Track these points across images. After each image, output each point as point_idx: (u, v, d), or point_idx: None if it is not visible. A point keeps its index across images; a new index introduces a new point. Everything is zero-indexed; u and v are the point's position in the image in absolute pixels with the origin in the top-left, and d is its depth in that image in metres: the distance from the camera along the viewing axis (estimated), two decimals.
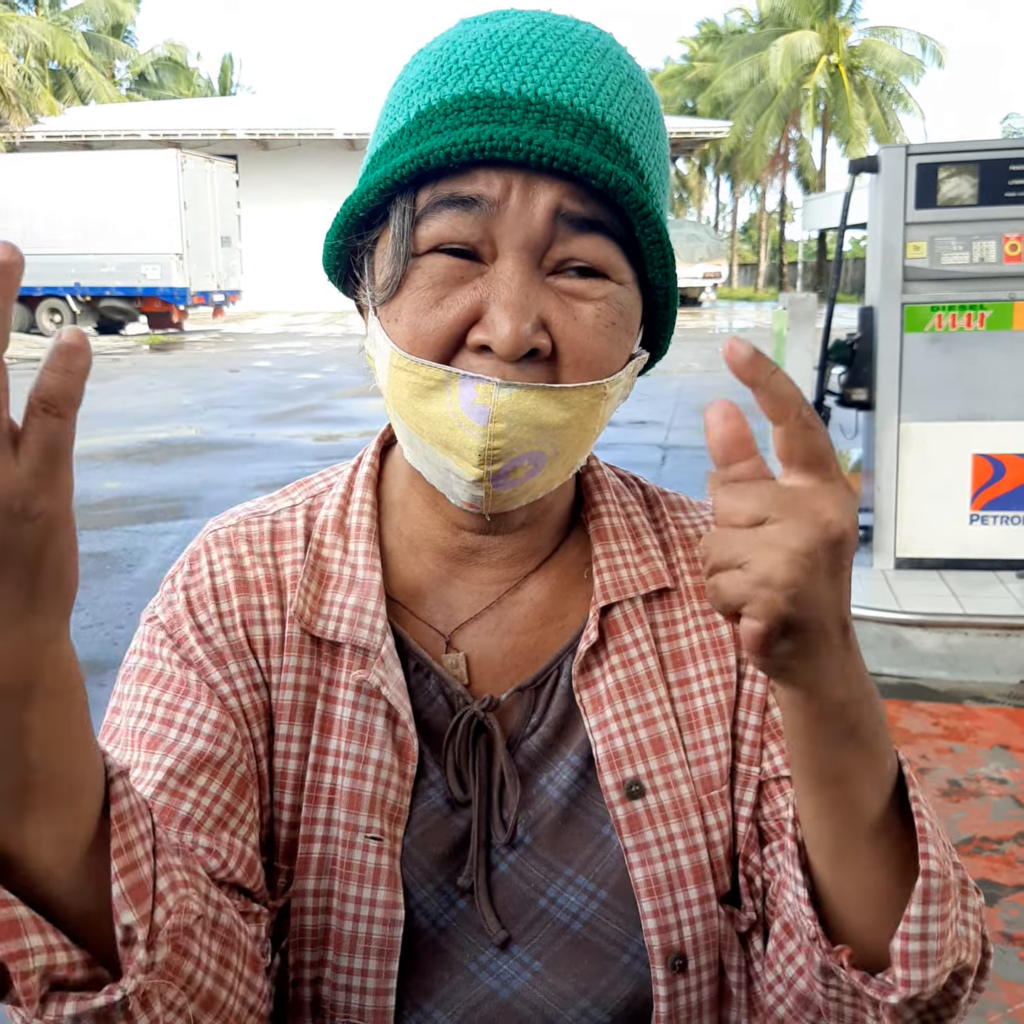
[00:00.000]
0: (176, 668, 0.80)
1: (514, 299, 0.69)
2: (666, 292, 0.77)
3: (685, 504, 0.93)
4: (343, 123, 29.85)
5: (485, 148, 0.68)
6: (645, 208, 0.71)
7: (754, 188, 54.72)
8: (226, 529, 0.86)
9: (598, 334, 0.72)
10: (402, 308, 0.73)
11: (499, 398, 0.70)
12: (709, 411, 0.57)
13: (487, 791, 0.81)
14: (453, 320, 0.71)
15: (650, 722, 0.82)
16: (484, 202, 0.69)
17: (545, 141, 0.67)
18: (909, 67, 43.26)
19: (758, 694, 0.85)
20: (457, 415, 0.71)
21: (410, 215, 0.71)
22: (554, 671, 0.83)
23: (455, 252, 0.71)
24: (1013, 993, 2.50)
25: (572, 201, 0.70)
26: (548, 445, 0.73)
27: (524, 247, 0.70)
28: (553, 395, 0.71)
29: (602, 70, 0.73)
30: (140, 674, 0.80)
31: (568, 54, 0.72)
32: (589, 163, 0.68)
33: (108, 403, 13.12)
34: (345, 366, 17.12)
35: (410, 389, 0.73)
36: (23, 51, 34.24)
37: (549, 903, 0.80)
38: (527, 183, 0.69)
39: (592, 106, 0.71)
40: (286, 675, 0.80)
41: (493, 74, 0.71)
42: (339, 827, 0.78)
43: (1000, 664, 4.42)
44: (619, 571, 0.85)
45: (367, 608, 0.81)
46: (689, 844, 0.80)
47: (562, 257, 0.71)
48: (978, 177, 4.76)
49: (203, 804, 0.75)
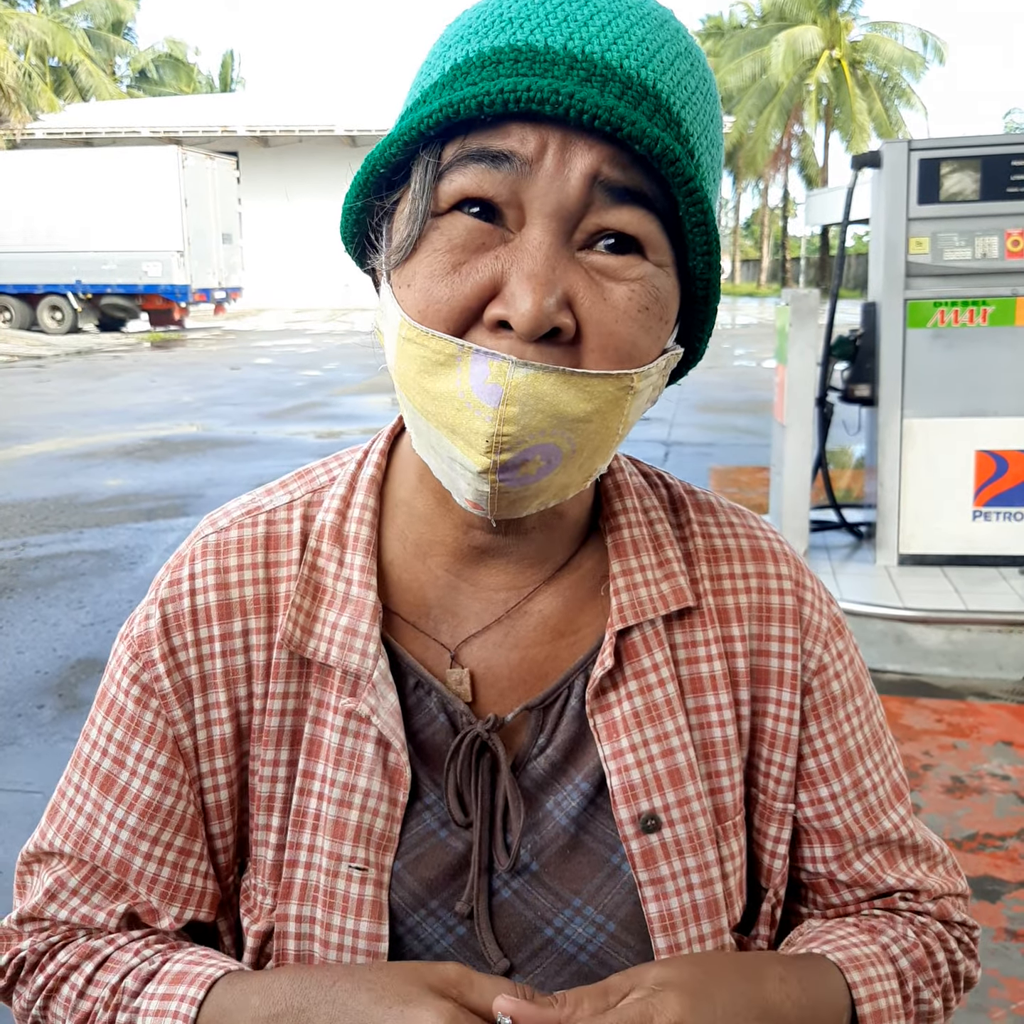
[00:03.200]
0: (131, 702, 0.79)
1: (539, 270, 0.62)
2: (707, 284, 0.69)
3: (715, 507, 0.86)
4: (344, 120, 29.82)
5: (521, 99, 0.61)
6: (692, 183, 0.63)
7: (756, 183, 54.65)
8: (217, 535, 0.81)
9: (629, 318, 0.65)
10: (416, 272, 0.66)
11: (514, 378, 0.62)
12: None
13: (490, 814, 0.77)
14: (470, 290, 0.64)
15: (668, 752, 0.77)
16: (516, 159, 0.62)
17: (587, 97, 0.60)
18: (911, 62, 43.18)
19: (789, 736, 0.82)
20: (466, 394, 0.63)
21: (433, 168, 0.65)
22: (564, 690, 0.78)
23: (478, 214, 0.64)
24: (1016, 990, 2.50)
25: (612, 167, 0.63)
26: (564, 439, 0.65)
27: (555, 214, 0.63)
28: (574, 381, 0.63)
29: (658, 37, 0.65)
30: (100, 697, 0.82)
31: (622, 16, 0.65)
32: (634, 125, 0.61)
33: (109, 400, 13.12)
34: (346, 363, 17.12)
35: (418, 364, 0.66)
36: (23, 48, 34.22)
37: (556, 933, 0.77)
38: (565, 143, 0.62)
39: (644, 71, 0.64)
40: (272, 702, 0.78)
41: (539, 28, 0.64)
42: (323, 855, 0.76)
43: (1003, 660, 4.42)
44: (638, 590, 0.78)
45: (359, 630, 0.76)
46: (704, 878, 0.77)
47: (595, 228, 0.64)
48: (981, 172, 4.75)
49: (155, 855, 0.79)
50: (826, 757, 0.83)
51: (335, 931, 0.76)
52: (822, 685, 0.83)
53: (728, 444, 9.85)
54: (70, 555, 6.36)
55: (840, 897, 0.86)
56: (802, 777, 0.83)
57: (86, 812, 0.80)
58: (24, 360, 18.73)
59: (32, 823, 0.86)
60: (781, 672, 0.81)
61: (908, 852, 0.86)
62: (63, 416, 11.85)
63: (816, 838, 0.84)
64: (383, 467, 0.83)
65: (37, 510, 7.50)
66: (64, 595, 5.62)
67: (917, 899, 0.86)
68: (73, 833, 0.80)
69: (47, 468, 8.97)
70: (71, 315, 23.15)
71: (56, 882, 0.81)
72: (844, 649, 0.85)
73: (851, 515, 5.70)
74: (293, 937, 0.77)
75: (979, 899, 2.85)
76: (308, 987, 0.69)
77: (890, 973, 0.79)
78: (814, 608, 0.84)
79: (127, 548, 6.51)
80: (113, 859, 0.79)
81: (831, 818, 0.83)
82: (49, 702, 4.27)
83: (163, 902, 0.79)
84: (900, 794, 0.87)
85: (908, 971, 0.81)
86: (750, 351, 19.55)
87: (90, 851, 0.79)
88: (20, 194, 22.60)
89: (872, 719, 0.86)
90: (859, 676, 0.86)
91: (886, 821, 0.85)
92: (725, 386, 13.94)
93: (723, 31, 52.21)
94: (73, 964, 0.78)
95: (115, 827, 0.79)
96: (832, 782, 0.83)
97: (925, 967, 0.82)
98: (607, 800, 0.77)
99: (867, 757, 0.85)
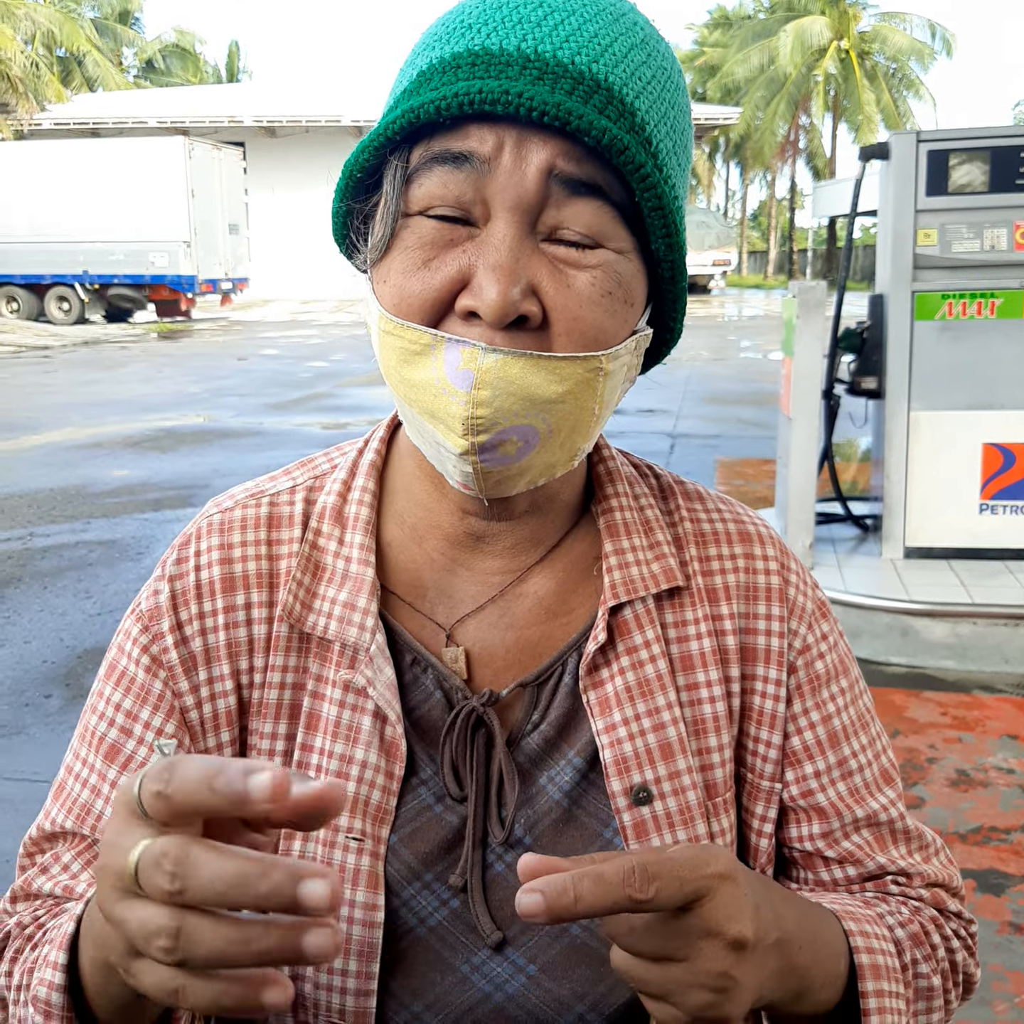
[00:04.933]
0: (141, 671, 0.81)
1: (503, 261, 0.66)
2: (672, 265, 0.72)
3: (703, 495, 0.89)
4: (351, 110, 29.76)
5: (475, 101, 0.65)
6: (643, 170, 0.67)
7: (764, 175, 54.46)
8: (221, 514, 0.84)
9: (592, 303, 0.68)
10: (391, 269, 0.70)
11: (484, 364, 0.66)
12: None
13: (484, 788, 0.79)
14: (440, 283, 0.68)
15: (659, 727, 0.79)
16: (476, 159, 0.66)
17: (536, 95, 0.64)
18: (920, 53, 42.99)
19: (776, 712, 0.84)
20: (442, 381, 0.68)
21: (402, 172, 0.69)
22: (558, 667, 0.81)
23: (446, 219, 0.68)
24: (1020, 983, 2.50)
25: (567, 161, 0.66)
26: (540, 420, 0.69)
27: (516, 207, 0.67)
28: (543, 364, 0.67)
29: (611, 32, 0.69)
30: (108, 670, 0.83)
31: (576, 14, 0.68)
32: (581, 119, 0.64)
33: (116, 391, 13.14)
34: (353, 354, 17.12)
35: (397, 354, 0.70)
36: (31, 38, 34.21)
37: None
38: (520, 140, 0.66)
39: (595, 65, 0.67)
40: (272, 674, 0.80)
41: (494, 32, 0.68)
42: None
43: (1009, 654, 4.41)
44: (629, 568, 0.81)
45: (358, 605, 0.79)
46: None
47: (555, 223, 0.68)
48: (989, 164, 4.72)
49: None
50: (810, 735, 0.85)
51: None
52: (806, 664, 0.85)
53: (734, 436, 9.83)
54: (77, 545, 6.38)
55: (831, 874, 0.86)
56: (787, 755, 0.85)
57: (91, 784, 0.81)
58: (31, 351, 18.76)
59: (39, 812, 0.86)
60: (768, 649, 0.84)
61: (900, 838, 0.87)
62: (70, 407, 11.87)
63: (804, 816, 0.85)
64: (383, 454, 0.86)
65: (44, 500, 7.52)
66: (71, 585, 5.64)
67: (910, 883, 0.86)
68: (76, 807, 0.81)
69: (54, 458, 8.99)
70: (78, 306, 23.17)
71: (52, 857, 0.82)
72: (829, 631, 0.87)
73: (857, 508, 5.70)
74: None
75: (984, 892, 2.86)
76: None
77: (887, 936, 0.79)
78: (799, 590, 0.86)
79: (134, 538, 6.53)
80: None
81: (815, 795, 0.84)
82: (56, 692, 4.29)
83: None
84: (889, 779, 0.88)
85: (905, 941, 0.81)
86: (756, 343, 19.51)
87: (91, 823, 0.81)
88: (27, 185, 22.60)
89: (858, 703, 0.88)
90: (844, 659, 0.88)
91: (873, 802, 0.86)
92: (731, 378, 13.92)
93: (731, 22, 52.01)
94: (41, 923, 0.78)
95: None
96: (816, 759, 0.84)
97: (922, 942, 0.82)
98: (599, 775, 0.79)
99: (853, 739, 0.86)
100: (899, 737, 3.79)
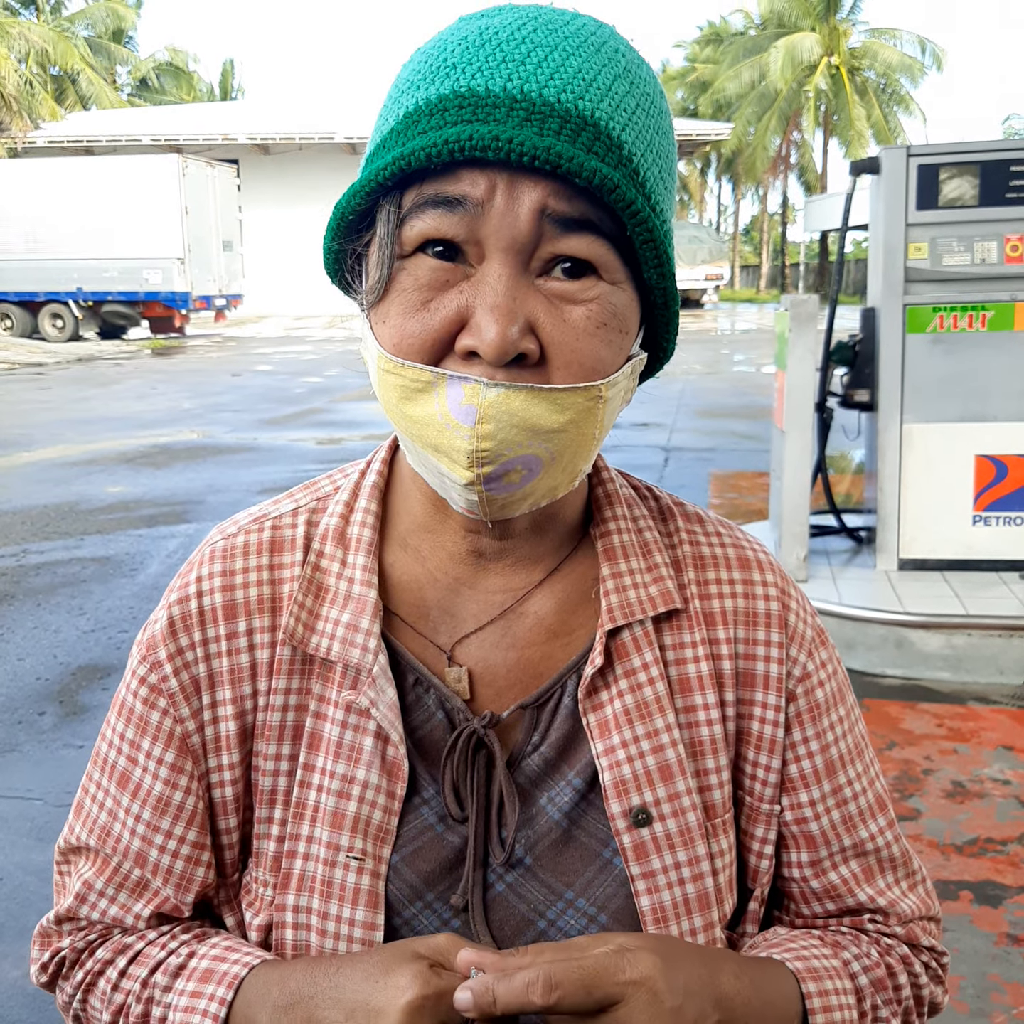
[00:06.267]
0: (139, 703, 0.83)
1: (500, 302, 0.67)
2: (664, 292, 0.73)
3: (703, 517, 0.90)
4: (344, 127, 29.88)
5: (465, 148, 0.65)
6: (634, 206, 0.67)
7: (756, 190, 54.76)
8: (224, 540, 0.85)
9: (589, 336, 0.70)
10: (389, 311, 0.71)
11: (486, 398, 0.67)
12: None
13: (485, 809, 0.80)
14: (439, 324, 0.69)
15: (658, 748, 0.80)
16: (469, 202, 0.67)
17: (526, 140, 0.65)
18: (910, 69, 43.28)
19: (775, 738, 0.84)
20: (445, 416, 0.68)
21: (395, 216, 0.70)
22: (558, 689, 0.81)
23: (441, 254, 0.69)
24: (1018, 994, 2.50)
25: (558, 200, 0.67)
26: (543, 449, 0.70)
27: (510, 248, 0.67)
28: (544, 396, 0.68)
29: (595, 64, 0.69)
30: (115, 698, 0.87)
31: (559, 49, 0.68)
32: (572, 161, 0.65)
33: (110, 407, 13.14)
34: (347, 370, 17.13)
35: (398, 392, 0.71)
36: (25, 57, 34.31)
37: (548, 925, 0.79)
38: (511, 183, 0.67)
39: (580, 102, 0.67)
40: (274, 697, 0.81)
41: (479, 72, 0.68)
42: (321, 845, 0.79)
43: (1003, 665, 4.42)
44: (627, 592, 0.82)
45: (360, 626, 0.80)
46: (695, 872, 0.80)
47: (549, 256, 0.68)
48: (979, 178, 4.76)
49: (169, 848, 0.83)
50: (808, 764, 0.85)
51: (332, 920, 0.78)
52: (806, 692, 0.85)
53: (728, 449, 9.85)
54: (71, 562, 6.37)
55: (810, 908, 0.88)
56: (784, 782, 0.85)
57: (107, 807, 0.85)
58: (25, 368, 18.76)
59: (32, 829, 0.88)
60: (767, 675, 0.84)
61: (887, 867, 0.88)
62: (64, 423, 11.86)
63: (793, 843, 0.86)
64: (385, 475, 0.87)
65: (38, 517, 7.51)
66: (65, 602, 5.62)
67: (886, 922, 0.88)
68: (97, 827, 0.86)
69: (48, 475, 8.98)
70: (72, 322, 23.18)
71: (84, 885, 0.86)
72: (828, 659, 0.87)
73: (851, 520, 5.71)
74: (291, 927, 0.79)
75: (981, 904, 2.85)
76: (317, 976, 0.73)
77: (848, 988, 0.81)
78: (799, 616, 0.87)
79: (128, 555, 6.52)
80: (132, 852, 0.84)
81: (809, 823, 0.85)
82: (50, 709, 4.27)
83: (179, 893, 0.83)
84: (882, 805, 0.89)
85: (867, 988, 0.83)
86: (749, 356, 19.57)
87: (112, 844, 0.85)
88: (21, 202, 22.62)
89: (855, 730, 0.89)
90: (842, 687, 0.89)
91: (863, 830, 0.87)
92: (725, 391, 13.95)
93: (722, 38, 52.35)
94: (108, 959, 0.84)
95: (132, 821, 0.84)
96: (812, 788, 0.85)
97: (886, 986, 0.84)
98: (599, 796, 0.80)
99: (849, 767, 0.87)
100: (895, 749, 3.79)
